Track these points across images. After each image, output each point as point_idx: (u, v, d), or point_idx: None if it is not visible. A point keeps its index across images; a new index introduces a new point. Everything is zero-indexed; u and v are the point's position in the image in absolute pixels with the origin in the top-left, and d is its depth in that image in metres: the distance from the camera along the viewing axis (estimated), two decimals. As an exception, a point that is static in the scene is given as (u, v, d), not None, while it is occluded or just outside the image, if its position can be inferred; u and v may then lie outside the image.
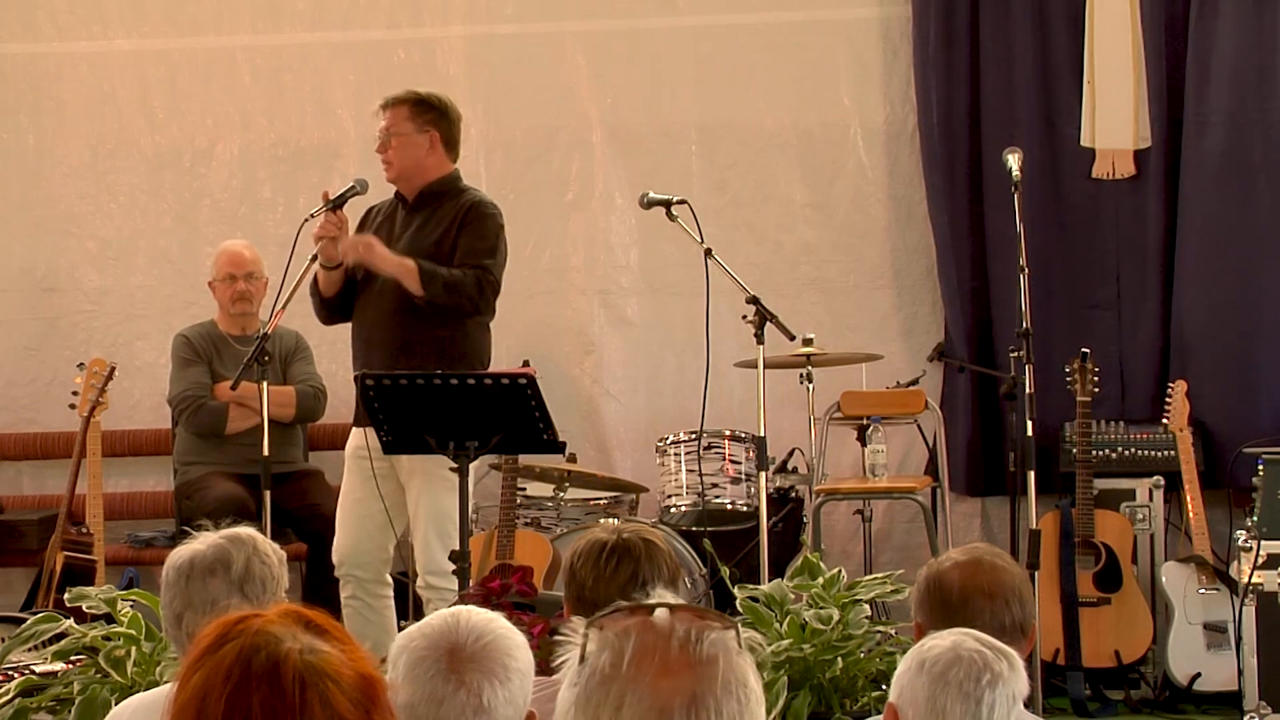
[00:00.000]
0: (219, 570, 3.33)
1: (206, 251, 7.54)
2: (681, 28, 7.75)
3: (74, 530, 7.04)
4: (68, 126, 7.90)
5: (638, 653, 1.92)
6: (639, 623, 1.95)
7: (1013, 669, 2.87)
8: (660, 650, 1.92)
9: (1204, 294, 7.22)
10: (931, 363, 7.55)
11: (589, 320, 7.76)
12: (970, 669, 2.83)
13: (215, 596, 3.31)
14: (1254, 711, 5.76)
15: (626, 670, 1.91)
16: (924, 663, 2.86)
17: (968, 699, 2.81)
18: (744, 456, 7.02)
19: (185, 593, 3.33)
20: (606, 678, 1.92)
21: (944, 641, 2.89)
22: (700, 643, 1.93)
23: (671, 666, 1.91)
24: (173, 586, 3.35)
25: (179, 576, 3.35)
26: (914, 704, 2.84)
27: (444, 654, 2.56)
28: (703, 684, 1.91)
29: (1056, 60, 7.39)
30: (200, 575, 3.33)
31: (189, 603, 3.32)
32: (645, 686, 1.90)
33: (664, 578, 3.61)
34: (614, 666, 1.92)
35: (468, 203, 6.03)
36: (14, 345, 7.88)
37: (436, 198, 6.04)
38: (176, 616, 3.34)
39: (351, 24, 7.85)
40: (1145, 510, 6.95)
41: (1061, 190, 7.39)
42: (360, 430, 5.97)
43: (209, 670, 1.92)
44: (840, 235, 7.67)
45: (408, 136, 6.02)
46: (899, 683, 2.89)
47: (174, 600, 3.35)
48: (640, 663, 1.91)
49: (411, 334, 5.92)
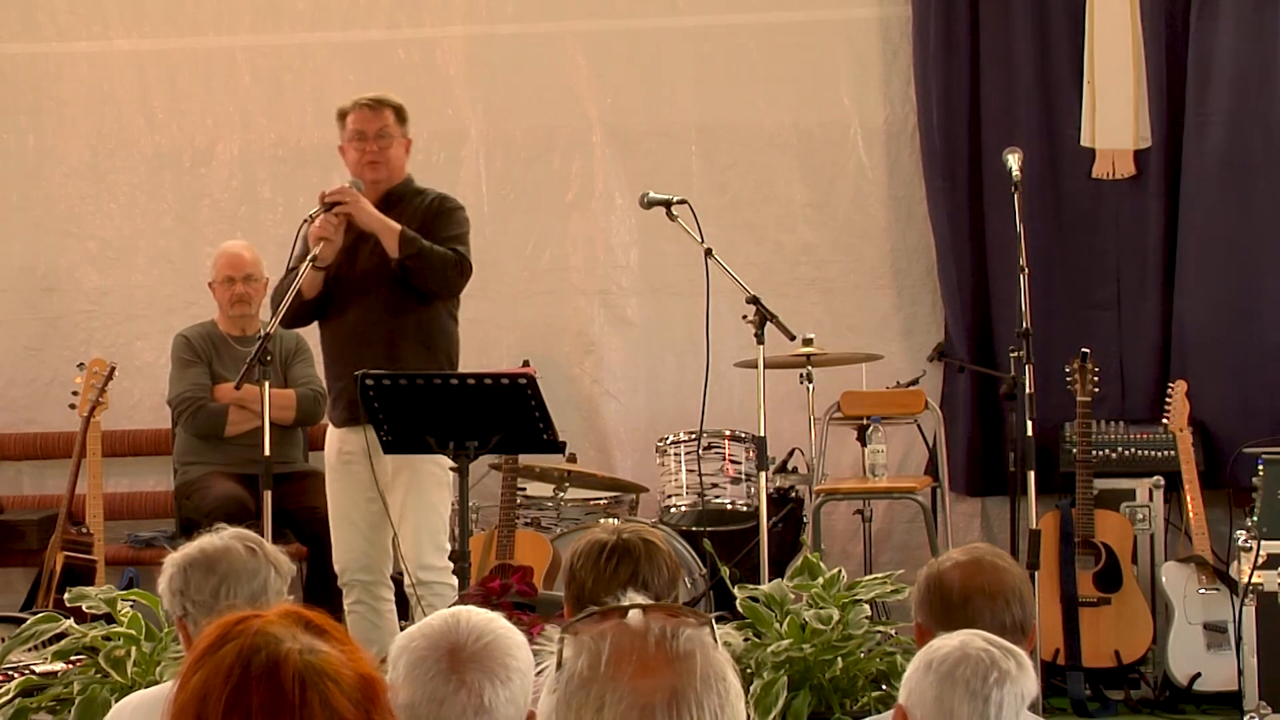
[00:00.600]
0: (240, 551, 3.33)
1: (206, 251, 7.54)
2: (681, 28, 7.75)
3: (74, 530, 7.04)
4: (68, 126, 7.90)
5: (615, 653, 1.91)
6: (613, 625, 1.94)
7: (1021, 668, 2.87)
8: (637, 649, 1.91)
9: (1204, 294, 7.22)
10: (931, 363, 7.55)
11: (589, 320, 7.76)
12: (978, 668, 2.82)
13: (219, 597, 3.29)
14: (1254, 711, 5.76)
15: (605, 671, 1.90)
16: (931, 662, 2.85)
17: (975, 698, 2.81)
18: (744, 456, 7.02)
19: (216, 573, 3.32)
20: (585, 680, 1.91)
21: (952, 641, 2.88)
22: (676, 639, 1.92)
23: (650, 664, 1.91)
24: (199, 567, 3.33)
25: (202, 557, 3.33)
26: (922, 704, 2.83)
27: (444, 654, 2.56)
28: (682, 679, 1.90)
29: (1056, 60, 7.39)
30: (199, 572, 3.32)
31: (228, 574, 3.31)
32: (625, 686, 1.89)
33: (664, 578, 3.61)
34: (592, 669, 1.91)
35: (435, 197, 6.11)
36: (14, 345, 7.88)
37: (402, 198, 6.08)
38: (183, 613, 3.34)
39: (351, 24, 7.85)
40: (1145, 510, 6.95)
41: (1061, 190, 7.39)
42: (343, 432, 5.97)
43: (209, 670, 1.91)
44: (840, 235, 7.67)
45: (397, 140, 6.07)
46: (907, 684, 2.88)
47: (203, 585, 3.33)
48: (618, 663, 1.91)
49: (399, 328, 5.94)
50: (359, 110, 6.06)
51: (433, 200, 6.09)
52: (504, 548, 6.79)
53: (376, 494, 5.91)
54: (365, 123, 6.04)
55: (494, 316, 7.67)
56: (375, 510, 5.92)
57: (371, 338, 5.94)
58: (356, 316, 5.99)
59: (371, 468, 5.90)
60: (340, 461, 5.99)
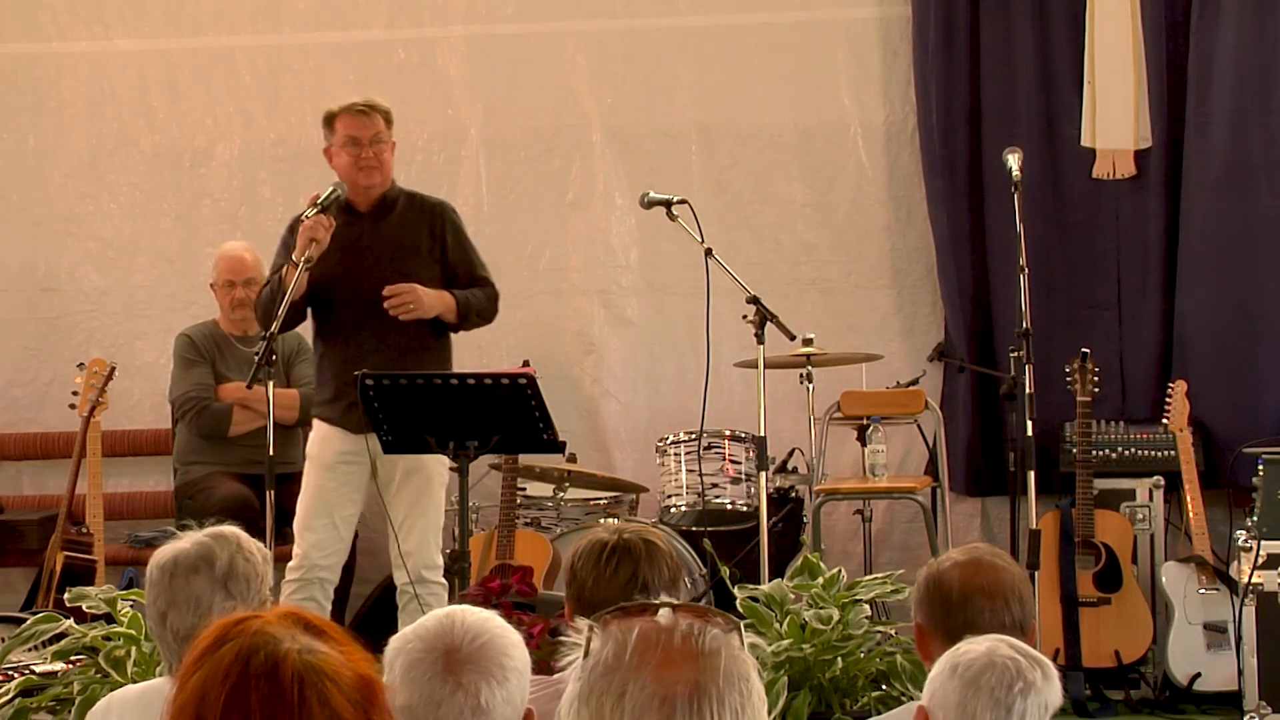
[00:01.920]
0: (202, 568, 3.31)
1: (207, 251, 7.54)
2: (681, 28, 7.75)
3: (74, 530, 7.04)
4: (68, 126, 7.90)
5: (640, 644, 1.93)
6: (643, 620, 1.96)
7: (1046, 678, 2.86)
8: (663, 642, 1.93)
9: (1204, 294, 7.22)
10: (931, 363, 7.55)
11: (589, 320, 7.76)
12: (1003, 676, 2.82)
13: (199, 594, 3.29)
14: (1254, 711, 5.76)
15: (629, 660, 1.92)
16: (957, 667, 2.84)
17: (998, 706, 2.80)
18: (744, 456, 7.02)
19: (169, 591, 3.31)
20: (609, 668, 1.93)
21: (979, 647, 2.87)
22: (703, 637, 1.94)
23: (674, 657, 1.92)
24: (156, 585, 3.33)
25: (162, 575, 3.33)
26: (945, 707, 2.83)
27: (440, 655, 2.56)
28: (705, 674, 1.92)
29: (1056, 60, 7.39)
30: (184, 573, 3.31)
31: (173, 601, 3.30)
32: (648, 675, 1.91)
33: (664, 579, 3.61)
34: (617, 657, 1.93)
35: (434, 206, 6.14)
36: (14, 345, 7.89)
37: (394, 201, 6.09)
38: (161, 615, 3.33)
39: (351, 24, 7.85)
40: (1145, 510, 6.95)
41: (1061, 190, 7.39)
42: (344, 434, 5.98)
43: (208, 670, 1.92)
44: (840, 235, 7.67)
45: (390, 145, 6.07)
46: (931, 685, 2.88)
47: (158, 599, 3.33)
48: (643, 653, 1.92)
49: (418, 339, 5.98)
50: (352, 115, 6.02)
51: (437, 210, 6.12)
52: (504, 548, 6.79)
53: (363, 499, 5.97)
54: (360, 128, 6.01)
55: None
56: (353, 514, 6.01)
57: (387, 345, 5.94)
58: (374, 328, 5.95)
59: (374, 472, 5.93)
60: (337, 461, 5.99)
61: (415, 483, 5.91)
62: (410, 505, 5.93)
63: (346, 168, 6.01)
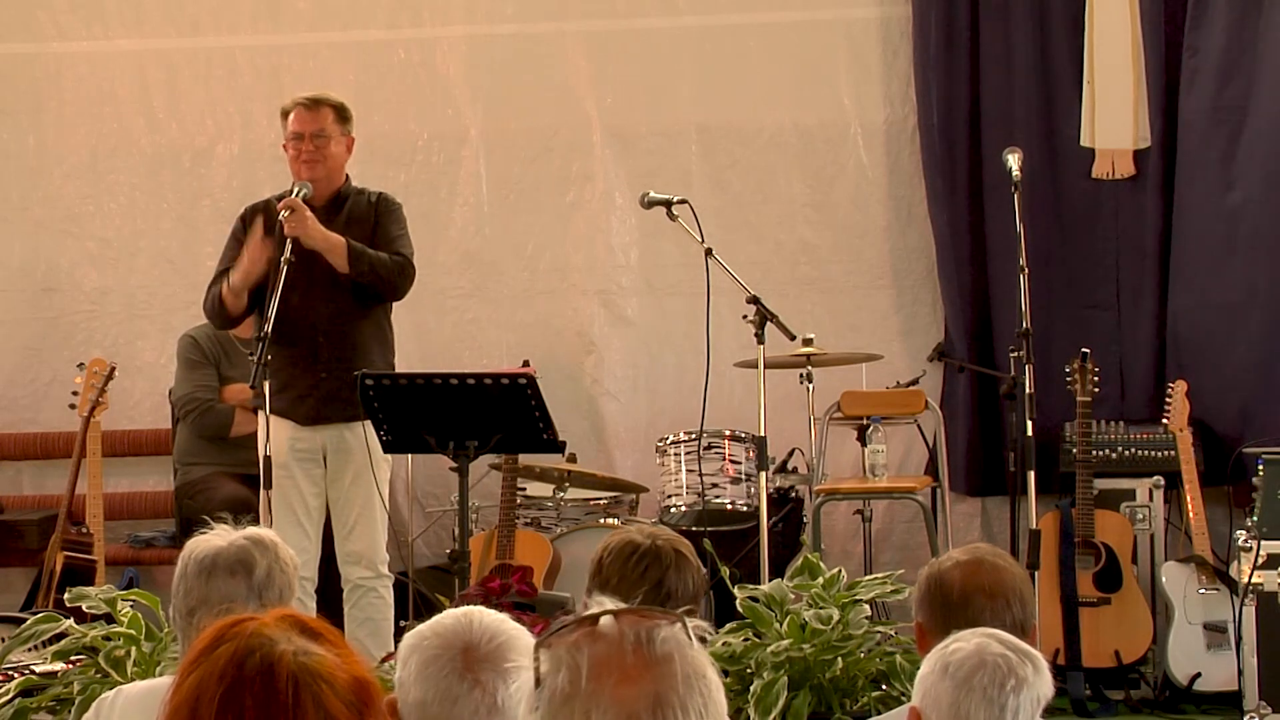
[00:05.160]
0: (240, 572, 3.25)
1: (207, 252, 7.53)
2: (681, 28, 7.75)
3: (74, 530, 7.04)
4: (68, 126, 7.90)
5: (594, 665, 1.90)
6: (587, 634, 1.92)
7: (1037, 672, 2.85)
8: (615, 658, 1.90)
9: (1203, 294, 7.22)
10: (931, 363, 7.55)
11: (589, 320, 7.76)
12: (995, 674, 2.80)
13: (233, 598, 3.22)
14: (1254, 711, 5.76)
15: (586, 685, 1.89)
16: (948, 666, 2.83)
17: (991, 705, 2.79)
18: (744, 456, 7.02)
19: (204, 589, 3.25)
20: (567, 696, 1.90)
21: (968, 645, 2.85)
22: (653, 643, 1.91)
23: (630, 672, 1.90)
24: (190, 580, 3.26)
25: (200, 571, 3.26)
26: (937, 708, 2.82)
27: (458, 653, 2.56)
28: (663, 683, 1.90)
29: (1056, 60, 7.39)
30: (222, 574, 3.25)
31: (205, 599, 3.24)
32: (607, 698, 1.88)
33: (689, 592, 3.59)
34: (573, 684, 1.90)
35: (375, 196, 6.18)
36: (14, 345, 7.88)
37: (346, 199, 6.13)
38: (190, 610, 3.26)
39: (351, 24, 7.84)
40: (1145, 510, 6.95)
41: (1061, 190, 7.39)
42: (297, 428, 5.99)
43: (203, 671, 1.92)
44: (840, 235, 7.67)
45: (335, 140, 6.10)
46: (921, 685, 2.86)
47: (189, 594, 3.26)
48: (599, 675, 1.89)
49: (361, 329, 6.02)
50: (296, 109, 6.11)
51: (375, 199, 6.16)
52: (504, 548, 6.79)
53: (323, 492, 6.01)
54: (302, 123, 6.08)
55: (494, 316, 7.67)
56: (317, 508, 6.02)
57: (336, 336, 5.98)
58: (319, 317, 5.99)
59: (325, 467, 5.99)
60: (294, 458, 6.00)
61: (365, 483, 5.95)
62: (363, 505, 5.98)
63: (290, 161, 6.11)
